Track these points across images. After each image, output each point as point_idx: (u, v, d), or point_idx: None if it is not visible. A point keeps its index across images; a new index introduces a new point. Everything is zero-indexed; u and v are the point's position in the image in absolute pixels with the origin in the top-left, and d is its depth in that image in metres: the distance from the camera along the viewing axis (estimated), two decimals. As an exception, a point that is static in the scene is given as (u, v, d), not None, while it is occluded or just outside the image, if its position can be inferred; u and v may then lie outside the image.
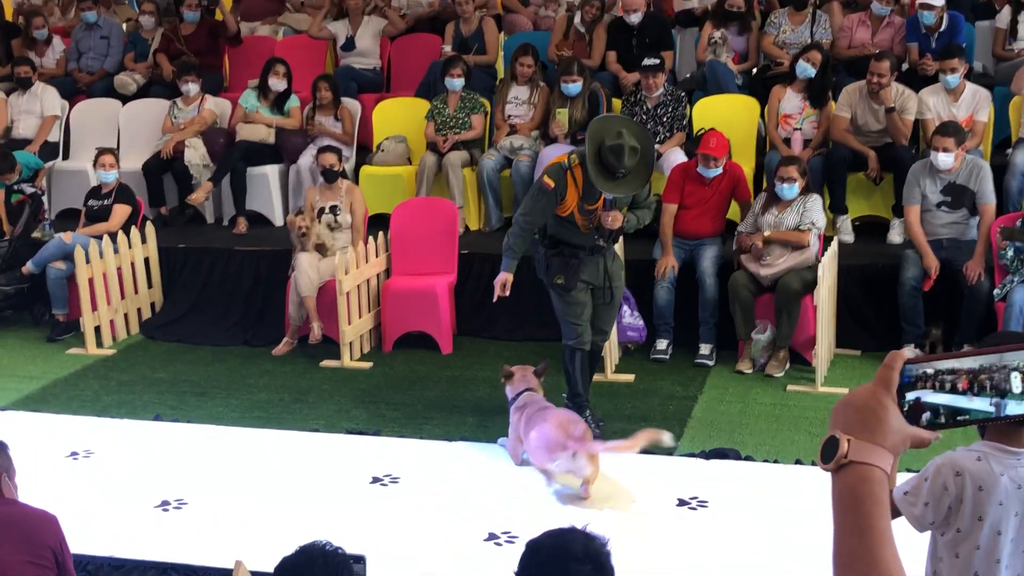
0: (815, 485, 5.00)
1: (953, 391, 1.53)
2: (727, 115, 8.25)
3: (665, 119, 8.11)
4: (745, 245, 6.94)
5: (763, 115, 8.32)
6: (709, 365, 6.99)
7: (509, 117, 8.59)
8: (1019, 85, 7.95)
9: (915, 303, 6.80)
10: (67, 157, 9.71)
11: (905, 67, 8.38)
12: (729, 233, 7.30)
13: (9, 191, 8.42)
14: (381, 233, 7.74)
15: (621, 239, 6.28)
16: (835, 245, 7.01)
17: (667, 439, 5.16)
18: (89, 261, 7.62)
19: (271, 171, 8.98)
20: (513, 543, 4.78)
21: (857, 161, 7.74)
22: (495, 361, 6.12)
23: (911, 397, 1.52)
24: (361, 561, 3.03)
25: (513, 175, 8.17)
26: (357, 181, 8.57)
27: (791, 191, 6.85)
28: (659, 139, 8.08)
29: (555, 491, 5.31)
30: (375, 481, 5.51)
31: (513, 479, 5.49)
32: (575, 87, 8.11)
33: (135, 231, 8.10)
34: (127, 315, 8.05)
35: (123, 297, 7.99)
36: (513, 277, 5.79)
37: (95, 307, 7.70)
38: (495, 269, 7.76)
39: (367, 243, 7.56)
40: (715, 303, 7.01)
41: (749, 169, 7.91)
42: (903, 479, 2.77)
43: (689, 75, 9.31)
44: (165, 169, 9.01)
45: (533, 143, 8.34)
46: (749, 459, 5.65)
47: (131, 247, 8.05)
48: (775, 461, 5.62)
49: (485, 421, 6.09)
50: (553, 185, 5.57)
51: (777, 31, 8.86)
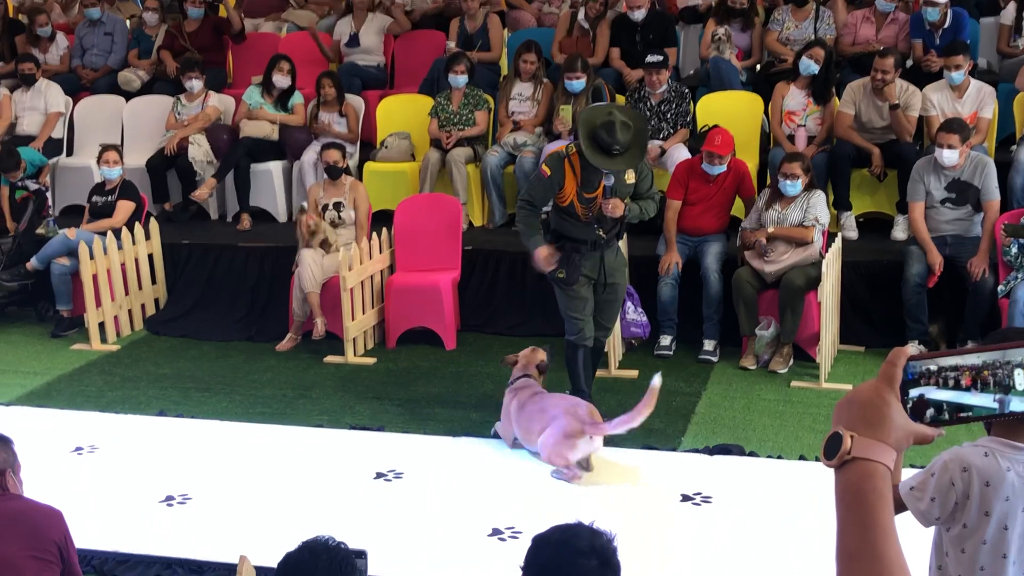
0: (819, 481, 5.01)
1: (956, 387, 1.53)
2: (731, 112, 8.25)
3: (669, 116, 8.11)
4: (749, 241, 6.94)
5: (767, 112, 8.31)
6: (713, 361, 6.99)
7: (513, 114, 8.59)
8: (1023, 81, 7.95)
9: (919, 299, 6.79)
10: (71, 153, 9.72)
11: (909, 63, 8.37)
12: (733, 229, 7.30)
13: (13, 188, 8.44)
14: (385, 229, 7.75)
15: (625, 236, 6.29)
16: (839, 241, 7.01)
17: (656, 382, 5.23)
18: (93, 257, 7.63)
19: (275, 167, 8.99)
20: (517, 538, 4.78)
21: (861, 157, 7.74)
22: (499, 357, 6.13)
23: (915, 394, 1.53)
24: (362, 556, 3.03)
25: (517, 171, 8.17)
26: (361, 177, 8.58)
27: (794, 188, 6.85)
28: (663, 136, 8.09)
29: (559, 485, 5.33)
30: (379, 476, 5.52)
31: (517, 474, 5.49)
32: (579, 84, 8.11)
33: (139, 227, 8.11)
34: (131, 311, 8.06)
35: (127, 293, 8.00)
36: (546, 247, 5.79)
37: (99, 303, 7.71)
38: (499, 265, 7.84)
39: (371, 239, 7.56)
40: (719, 299, 7.01)
41: (753, 165, 7.91)
42: (908, 474, 2.78)
43: (693, 72, 9.30)
44: (169, 165, 9.02)
45: (537, 140, 8.34)
46: (753, 455, 5.66)
47: (135, 243, 8.06)
48: (779, 457, 5.63)
49: (489, 417, 6.09)
50: (550, 173, 5.69)
51: (781, 27, 8.86)
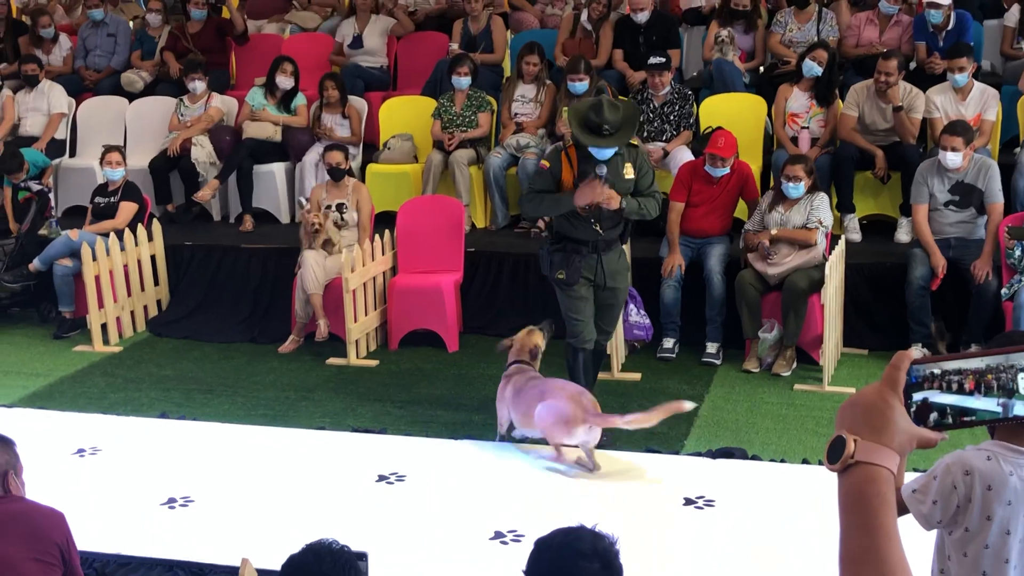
0: (822, 484, 5.00)
1: (960, 391, 1.52)
2: (734, 114, 8.25)
3: (672, 117, 8.11)
4: (752, 243, 6.93)
5: (770, 114, 8.31)
6: (716, 364, 6.98)
7: (515, 115, 8.59)
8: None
9: (922, 302, 6.78)
10: (74, 154, 9.73)
11: (913, 66, 8.37)
12: (736, 232, 7.30)
13: (16, 189, 8.45)
14: (387, 231, 7.75)
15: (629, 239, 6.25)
16: (842, 244, 7.00)
17: (687, 406, 5.25)
18: (96, 258, 7.63)
19: (278, 169, 8.99)
20: (519, 542, 4.77)
21: (864, 160, 7.73)
22: (501, 359, 6.12)
23: (918, 397, 1.52)
24: (363, 558, 3.03)
25: (519, 173, 8.17)
26: (363, 179, 8.58)
27: (797, 190, 6.84)
28: (666, 138, 8.09)
29: (561, 487, 5.32)
30: (381, 479, 5.51)
31: (519, 477, 5.49)
32: (582, 86, 8.10)
33: (142, 228, 8.11)
34: (133, 312, 8.06)
35: (129, 294, 8.00)
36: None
37: (101, 304, 7.71)
38: (501, 267, 7.84)
39: (373, 241, 7.56)
40: (722, 302, 7.00)
41: (756, 168, 7.91)
42: (911, 478, 2.77)
43: (696, 74, 9.30)
44: (172, 167, 9.03)
45: (539, 141, 8.34)
46: (756, 458, 5.64)
47: (138, 244, 8.06)
48: (782, 460, 5.62)
49: (491, 419, 6.07)
50: (549, 165, 5.81)
51: (784, 30, 8.85)
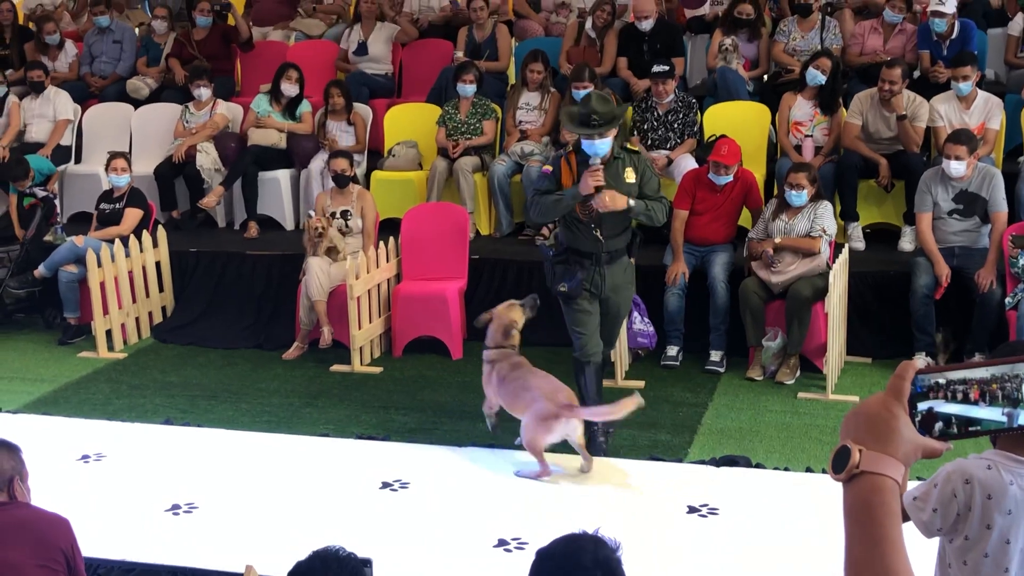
0: (826, 493, 4.99)
1: (965, 401, 1.53)
2: (738, 122, 8.25)
3: (676, 125, 8.12)
4: (756, 252, 6.94)
5: (774, 122, 8.31)
6: (719, 372, 6.98)
7: (520, 123, 8.60)
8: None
9: (927, 311, 6.78)
10: (79, 161, 9.74)
11: (916, 74, 8.37)
12: (740, 240, 7.30)
13: (21, 195, 8.47)
14: (392, 238, 7.75)
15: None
16: (846, 252, 7.00)
17: (637, 401, 5.30)
18: (101, 265, 7.64)
19: (282, 175, 9.00)
20: (523, 549, 4.77)
21: (868, 168, 7.73)
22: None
23: (923, 407, 1.52)
24: (368, 564, 3.03)
25: (524, 180, 8.17)
26: (368, 186, 8.59)
27: (799, 198, 6.85)
28: (670, 145, 8.10)
29: (565, 495, 5.32)
30: (385, 486, 5.51)
31: (523, 485, 5.49)
32: (586, 93, 8.09)
33: (146, 235, 8.12)
34: (138, 319, 8.07)
35: (134, 301, 8.01)
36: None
37: (106, 311, 7.72)
38: (506, 274, 7.84)
39: (378, 248, 7.57)
40: (726, 310, 7.00)
41: (760, 176, 7.92)
42: (912, 486, 2.77)
43: (700, 82, 9.31)
44: (177, 173, 9.04)
45: (544, 149, 8.34)
46: (759, 466, 5.64)
47: (142, 251, 8.07)
48: (785, 469, 5.62)
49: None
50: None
51: (787, 38, 8.86)
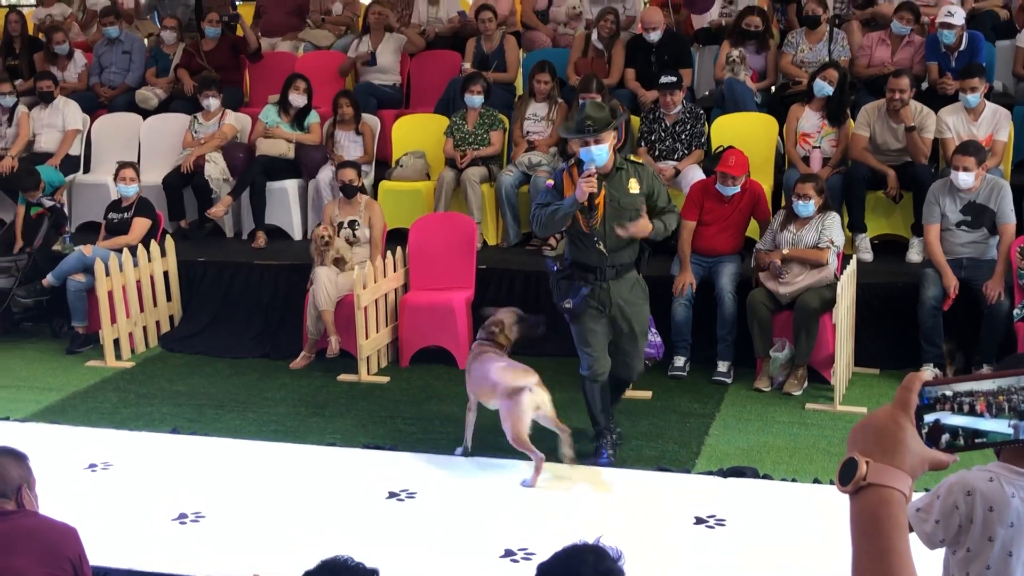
0: (833, 504, 4.98)
1: (972, 413, 1.52)
2: (746, 133, 8.26)
3: (683, 136, 8.12)
4: (763, 262, 6.93)
5: (782, 133, 8.31)
6: (727, 382, 6.97)
7: (527, 133, 8.61)
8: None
9: (934, 322, 6.77)
10: (88, 171, 9.78)
11: (925, 86, 8.37)
12: (748, 250, 7.30)
13: (29, 204, 8.50)
14: (399, 248, 7.76)
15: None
16: (854, 263, 6.99)
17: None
18: (109, 274, 7.66)
19: (290, 186, 9.02)
20: (530, 560, 4.77)
21: (876, 179, 7.73)
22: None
23: (930, 419, 1.52)
24: (375, 574, 3.03)
25: (531, 191, 8.18)
26: (376, 196, 8.60)
27: (807, 209, 6.84)
28: (677, 156, 8.11)
29: (572, 505, 5.32)
30: (392, 496, 5.52)
31: (530, 495, 5.49)
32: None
33: (155, 244, 8.14)
34: (146, 328, 8.09)
35: (142, 310, 8.03)
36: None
37: (114, 320, 7.74)
38: (513, 284, 7.84)
39: (385, 258, 7.58)
40: (733, 320, 6.99)
41: (768, 187, 7.91)
42: (915, 497, 2.77)
43: (707, 93, 9.31)
44: (185, 183, 9.07)
45: (551, 159, 8.35)
46: (767, 477, 5.63)
47: (151, 260, 8.09)
48: (793, 480, 5.61)
49: (502, 437, 6.06)
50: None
51: (795, 50, 8.87)
